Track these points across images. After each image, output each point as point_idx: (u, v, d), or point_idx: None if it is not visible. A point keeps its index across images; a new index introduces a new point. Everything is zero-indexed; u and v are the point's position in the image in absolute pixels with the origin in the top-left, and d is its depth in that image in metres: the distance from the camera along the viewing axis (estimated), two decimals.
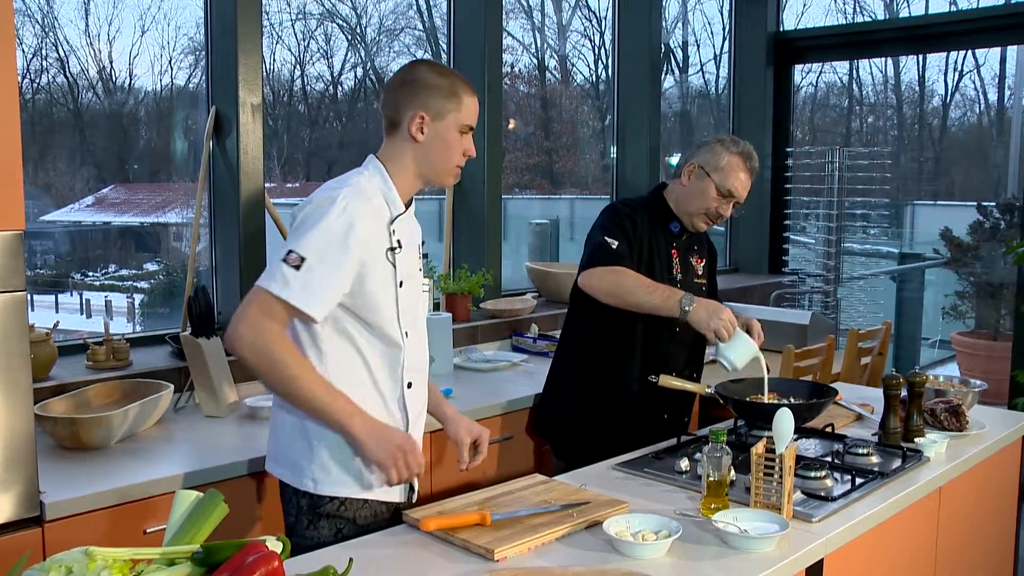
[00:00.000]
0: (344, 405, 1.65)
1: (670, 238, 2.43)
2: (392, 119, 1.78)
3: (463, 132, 1.79)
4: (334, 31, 4.02)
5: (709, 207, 2.37)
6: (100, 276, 3.69)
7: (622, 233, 2.32)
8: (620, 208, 2.40)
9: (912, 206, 6.14)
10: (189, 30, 3.37)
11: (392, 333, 1.75)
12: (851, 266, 5.10)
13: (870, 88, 6.20)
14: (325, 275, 1.63)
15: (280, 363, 1.62)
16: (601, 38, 4.99)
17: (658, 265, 2.38)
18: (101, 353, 2.61)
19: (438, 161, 1.79)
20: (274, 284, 1.63)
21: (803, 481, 1.89)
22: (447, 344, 3.12)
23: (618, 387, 2.40)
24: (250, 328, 1.62)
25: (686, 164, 2.40)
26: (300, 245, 1.64)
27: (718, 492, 1.72)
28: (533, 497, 1.80)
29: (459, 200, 3.79)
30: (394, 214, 1.75)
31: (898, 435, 2.22)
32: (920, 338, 6.02)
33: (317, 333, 1.72)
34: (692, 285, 2.45)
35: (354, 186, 1.71)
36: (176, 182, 3.67)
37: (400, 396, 1.79)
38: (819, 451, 2.16)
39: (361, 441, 1.65)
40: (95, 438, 2.15)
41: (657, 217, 2.42)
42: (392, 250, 1.73)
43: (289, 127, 4.08)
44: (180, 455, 2.19)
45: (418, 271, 1.85)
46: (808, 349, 3.23)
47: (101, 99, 3.42)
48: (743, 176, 2.36)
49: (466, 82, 1.81)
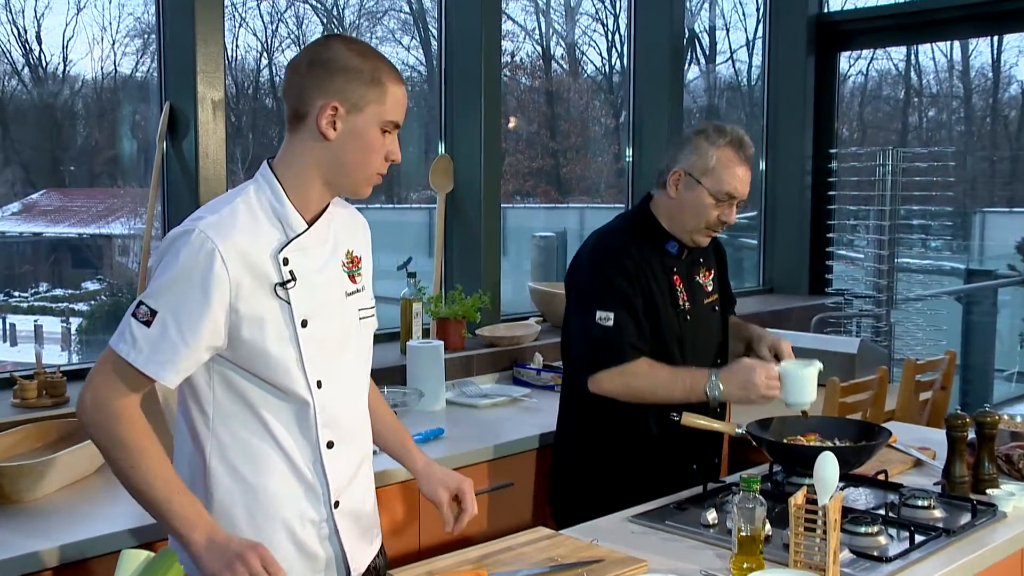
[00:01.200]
0: (186, 510, 1.55)
1: (668, 263, 2.38)
2: (296, 110, 1.65)
3: (386, 130, 1.66)
4: (307, 13, 4.08)
5: (708, 219, 2.31)
6: (28, 297, 3.69)
7: (615, 295, 2.28)
8: (605, 254, 2.34)
9: (982, 214, 6.14)
10: (135, 9, 3.41)
11: (293, 387, 1.65)
12: (907, 285, 5.13)
13: (932, 76, 6.21)
14: (181, 333, 1.56)
15: (119, 446, 1.56)
16: (615, 22, 5.05)
17: (662, 305, 2.34)
18: (31, 389, 2.62)
19: (353, 165, 1.66)
20: (123, 344, 1.57)
21: (851, 538, 1.90)
22: (438, 377, 3.14)
23: (632, 431, 2.38)
24: (94, 396, 1.57)
25: (669, 172, 2.33)
26: (150, 295, 1.57)
27: (751, 549, 1.74)
28: (537, 554, 1.82)
29: (451, 210, 3.83)
30: (288, 237, 1.64)
31: (966, 485, 2.22)
32: (993, 370, 6.01)
33: (200, 390, 1.65)
34: (703, 310, 2.44)
35: (220, 215, 1.61)
36: (122, 187, 3.70)
37: (316, 459, 1.69)
38: (870, 502, 2.17)
39: (199, 555, 1.53)
40: (23, 490, 2.16)
41: (650, 242, 2.37)
42: (283, 284, 1.62)
43: (255, 124, 4.12)
44: (126, 507, 2.20)
45: (343, 296, 1.73)
46: (857, 383, 3.25)
47: (28, 88, 3.43)
48: (740, 171, 2.29)
49: (392, 67, 1.68)
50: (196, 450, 1.68)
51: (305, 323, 1.65)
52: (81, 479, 2.34)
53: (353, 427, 1.76)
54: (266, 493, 1.67)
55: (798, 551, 1.73)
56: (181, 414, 1.72)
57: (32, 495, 2.18)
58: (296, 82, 1.65)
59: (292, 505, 1.69)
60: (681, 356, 2.37)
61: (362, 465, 1.81)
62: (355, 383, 1.78)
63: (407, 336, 3.38)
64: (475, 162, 3.73)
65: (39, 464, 2.17)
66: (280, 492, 1.68)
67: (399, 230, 4.47)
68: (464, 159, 3.78)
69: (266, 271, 1.61)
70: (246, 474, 1.66)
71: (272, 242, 1.63)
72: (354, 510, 1.78)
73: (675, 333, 2.37)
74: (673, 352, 2.36)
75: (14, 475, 2.14)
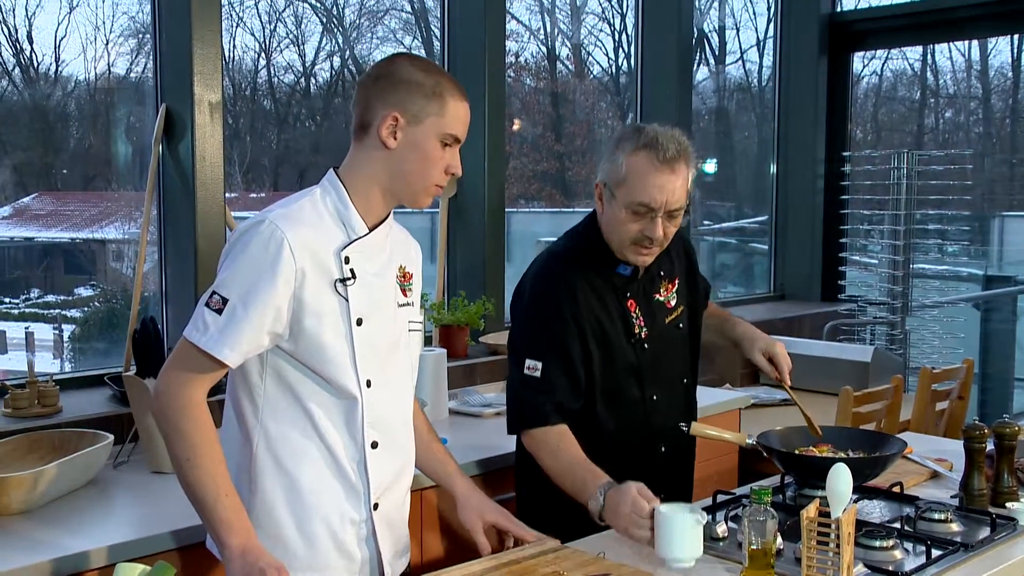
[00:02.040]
0: (229, 514, 1.66)
1: (621, 287, 2.23)
2: (362, 119, 1.79)
3: (446, 143, 1.78)
4: (306, 12, 4.10)
5: (632, 235, 2.12)
6: (19, 303, 3.70)
7: (548, 342, 2.12)
8: (544, 289, 2.18)
9: (1001, 218, 6.12)
10: (129, 8, 3.42)
11: (345, 382, 1.76)
12: (923, 292, 5.13)
13: (949, 76, 6.21)
14: (247, 314, 1.67)
15: (180, 438, 1.68)
16: (622, 22, 5.07)
17: (614, 338, 2.20)
18: (24, 398, 2.63)
19: (412, 176, 1.78)
20: (194, 332, 1.69)
21: (866, 552, 1.90)
22: (441, 385, 3.15)
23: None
24: (166, 386, 1.70)
25: (595, 185, 2.22)
26: (222, 284, 1.69)
27: (762, 563, 1.74)
28: (542, 567, 1.82)
29: (455, 215, 3.84)
30: (350, 238, 1.77)
31: (984, 498, 2.22)
32: (1012, 379, 6.01)
33: (252, 381, 1.77)
34: (663, 333, 2.28)
35: (288, 209, 1.74)
36: (116, 191, 3.71)
37: (361, 459, 1.80)
38: (885, 515, 2.17)
39: (230, 559, 1.64)
40: (14, 502, 2.16)
41: (598, 266, 2.21)
42: (343, 281, 1.74)
43: (253, 127, 4.13)
44: (121, 520, 2.22)
45: (395, 305, 1.86)
46: (870, 392, 3.25)
47: (19, 89, 3.44)
48: (658, 179, 2.07)
49: (456, 83, 1.81)
50: (244, 440, 1.78)
51: (360, 322, 1.76)
52: (74, 490, 2.35)
53: (397, 432, 1.87)
54: (309, 488, 1.77)
55: (810, 565, 1.73)
56: (231, 404, 1.82)
57: (24, 506, 2.19)
58: (363, 94, 1.79)
59: (333, 502, 1.79)
60: (640, 391, 2.24)
61: (403, 473, 1.91)
62: (402, 390, 1.89)
63: None
64: (479, 165, 3.75)
65: (31, 475, 2.18)
66: (322, 488, 1.78)
67: None
68: (467, 162, 3.75)
69: (328, 266, 1.73)
70: (290, 467, 1.76)
71: (335, 240, 1.75)
72: (391, 516, 1.89)
73: (631, 367, 2.24)
74: (630, 389, 2.24)
75: (5, 486, 2.15)
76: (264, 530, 1.76)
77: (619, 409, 2.24)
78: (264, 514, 1.77)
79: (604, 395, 2.22)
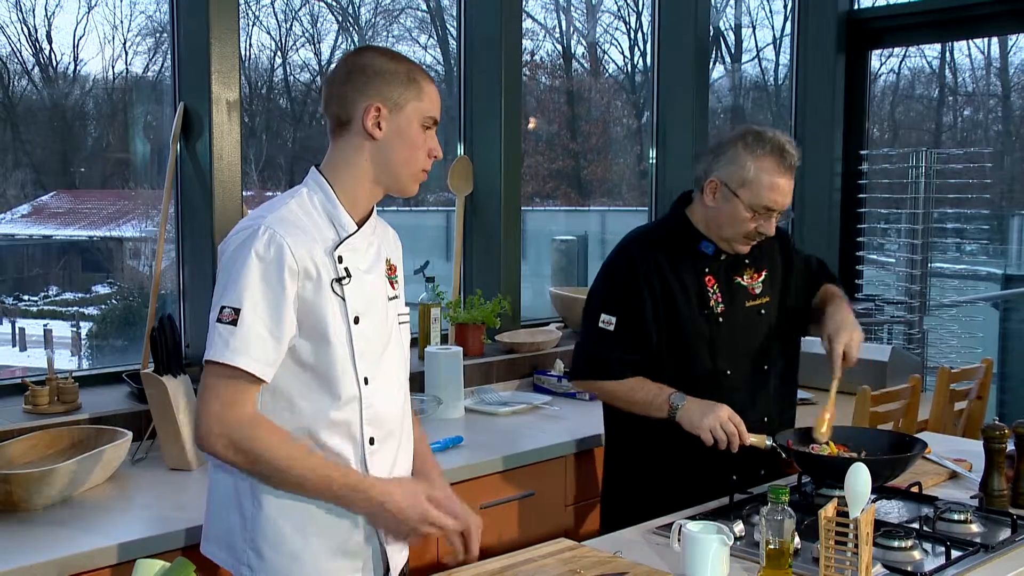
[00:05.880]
0: (356, 481, 1.71)
1: (701, 264, 2.38)
2: (339, 117, 1.78)
3: (426, 127, 1.80)
4: (322, 11, 4.11)
5: (745, 231, 2.30)
6: (38, 300, 3.73)
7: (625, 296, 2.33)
8: (621, 258, 2.39)
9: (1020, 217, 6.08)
10: (147, 7, 3.44)
11: (344, 381, 1.75)
12: (941, 291, 5.10)
13: (968, 74, 6.16)
14: (267, 327, 1.66)
15: (258, 462, 1.66)
16: (638, 20, 5.07)
17: (683, 304, 2.34)
18: (43, 395, 2.65)
19: (400, 163, 1.79)
20: (213, 351, 1.66)
21: (884, 552, 1.90)
22: (457, 383, 3.16)
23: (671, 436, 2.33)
24: (216, 420, 1.66)
25: (707, 179, 2.33)
26: (230, 296, 1.66)
27: (779, 563, 1.74)
28: (558, 566, 1.83)
29: (470, 213, 3.84)
30: (341, 236, 1.77)
31: (1005, 499, 2.21)
32: None
33: None
34: (744, 312, 2.40)
35: (279, 212, 1.73)
36: (134, 189, 3.73)
37: (360, 456, 1.79)
38: (904, 516, 2.17)
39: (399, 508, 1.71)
40: (33, 498, 2.18)
41: (680, 244, 2.38)
42: (339, 280, 1.74)
43: (269, 125, 4.15)
44: (139, 517, 2.23)
45: (386, 300, 1.86)
46: (888, 391, 3.23)
47: (38, 88, 3.46)
48: (781, 182, 2.26)
49: (422, 68, 1.83)
50: None
51: (357, 320, 1.77)
52: (93, 486, 2.37)
53: (394, 427, 1.86)
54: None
55: (828, 565, 1.73)
56: None
57: (43, 502, 2.21)
58: (336, 91, 1.79)
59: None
60: (712, 362, 2.36)
61: (402, 467, 1.90)
62: (396, 384, 1.89)
63: (425, 342, 3.39)
64: (494, 164, 3.75)
65: (50, 471, 2.20)
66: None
67: (416, 233, 4.49)
68: (483, 161, 3.79)
69: (325, 267, 1.74)
70: None
71: (328, 240, 1.76)
72: None
73: (703, 337, 2.36)
74: (701, 354, 2.36)
75: (25, 482, 2.17)
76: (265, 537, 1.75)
77: (690, 375, 2.34)
78: (266, 521, 1.74)
79: (672, 358, 2.35)
